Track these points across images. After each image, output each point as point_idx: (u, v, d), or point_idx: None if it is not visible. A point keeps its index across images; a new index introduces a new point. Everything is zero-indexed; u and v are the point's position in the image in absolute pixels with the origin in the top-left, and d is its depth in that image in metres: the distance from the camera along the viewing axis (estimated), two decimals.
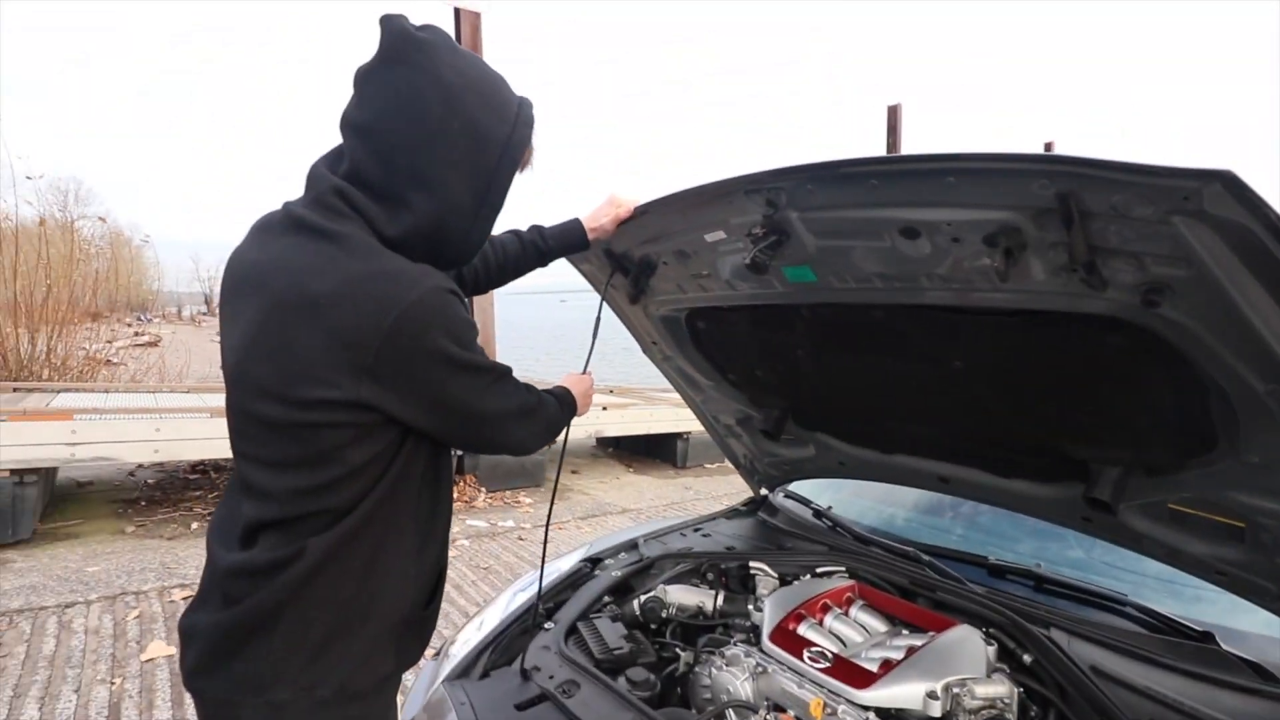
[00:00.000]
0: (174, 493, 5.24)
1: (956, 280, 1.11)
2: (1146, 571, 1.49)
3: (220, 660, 0.89)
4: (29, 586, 3.50)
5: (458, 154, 0.90)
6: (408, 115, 0.87)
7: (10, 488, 3.97)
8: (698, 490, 6.35)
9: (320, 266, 0.86)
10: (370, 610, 0.93)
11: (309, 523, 0.89)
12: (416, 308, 0.84)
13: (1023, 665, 1.23)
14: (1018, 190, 0.91)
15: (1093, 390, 1.17)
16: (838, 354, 1.51)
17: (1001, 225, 0.97)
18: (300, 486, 0.88)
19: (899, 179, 1.01)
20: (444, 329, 0.87)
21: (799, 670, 1.18)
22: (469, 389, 0.94)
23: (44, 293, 7.77)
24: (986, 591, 1.41)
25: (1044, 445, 1.32)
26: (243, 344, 0.90)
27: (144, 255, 24.84)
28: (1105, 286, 0.95)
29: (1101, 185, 0.83)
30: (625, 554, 1.77)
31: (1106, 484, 1.20)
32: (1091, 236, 0.89)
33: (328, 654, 0.89)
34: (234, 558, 0.91)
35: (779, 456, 1.95)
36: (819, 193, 1.12)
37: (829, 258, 1.22)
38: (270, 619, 0.88)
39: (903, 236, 1.09)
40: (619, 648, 1.31)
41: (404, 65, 0.87)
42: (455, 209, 0.92)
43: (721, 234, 1.31)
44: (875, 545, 1.69)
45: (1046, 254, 0.97)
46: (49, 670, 2.73)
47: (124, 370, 9.66)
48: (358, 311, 0.83)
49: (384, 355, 0.84)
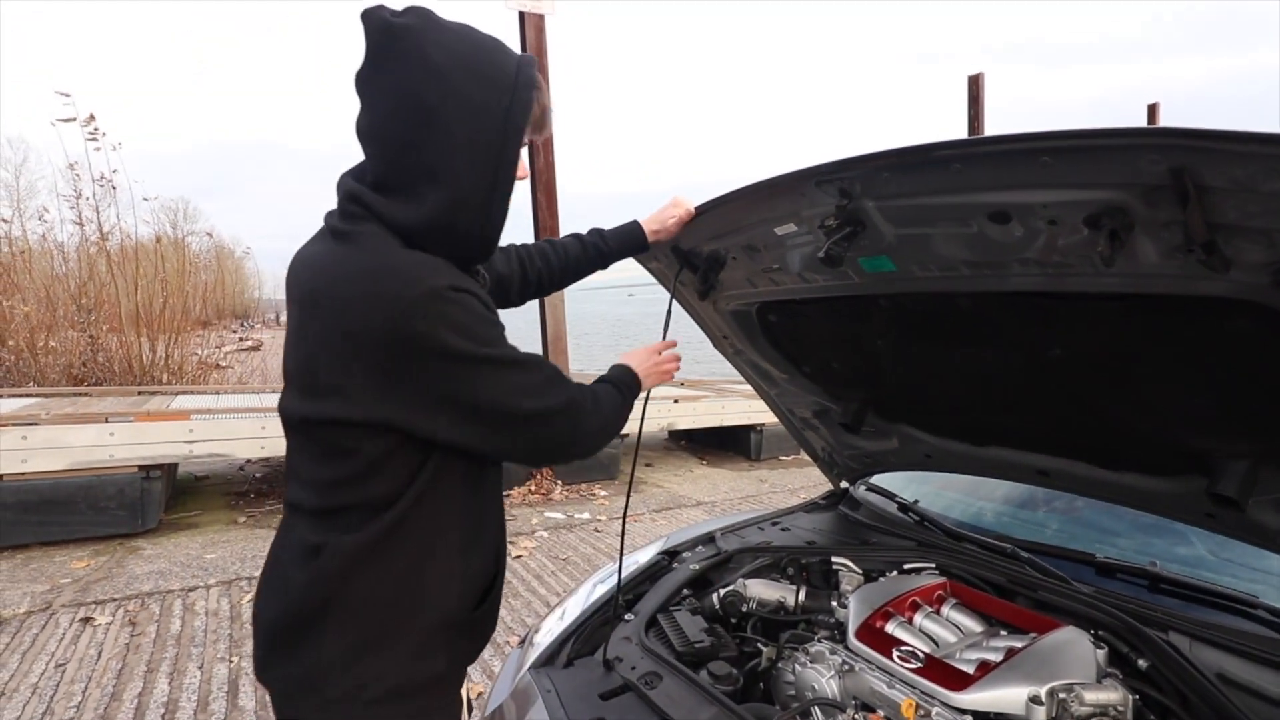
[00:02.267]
0: (279, 486, 5.62)
1: (1052, 265, 1.02)
2: (1277, 570, 1.35)
3: (279, 656, 0.92)
4: (157, 572, 3.84)
5: (459, 136, 0.86)
6: (404, 110, 0.86)
7: (140, 482, 4.38)
8: (773, 483, 6.25)
9: (330, 266, 0.88)
10: (418, 612, 0.92)
11: (341, 517, 0.90)
12: (420, 303, 0.82)
13: (1137, 671, 1.14)
14: (1123, 167, 0.83)
15: (1213, 378, 1.06)
16: (921, 344, 1.44)
17: (1105, 205, 0.88)
18: (332, 478, 0.90)
19: (986, 162, 0.94)
20: (452, 324, 0.84)
21: (888, 670, 1.14)
22: (495, 386, 0.88)
23: (161, 304, 8.50)
24: (1094, 591, 1.31)
25: (1157, 438, 1.21)
26: (286, 346, 0.95)
27: (245, 266, 26.73)
28: (1228, 267, 0.86)
29: (1222, 159, 0.74)
30: (703, 547, 1.76)
31: (1233, 479, 1.09)
32: (1211, 214, 0.80)
33: (375, 654, 0.89)
34: (278, 541, 0.98)
35: (860, 449, 1.89)
36: (896, 181, 1.06)
37: (909, 246, 1.16)
38: (319, 617, 0.89)
39: (991, 221, 1.02)
40: (700, 641, 1.31)
41: (391, 59, 0.86)
42: (467, 191, 0.89)
43: (792, 226, 1.27)
44: (968, 541, 1.60)
45: (1158, 234, 0.88)
46: (176, 648, 3.00)
47: (231, 373, 10.44)
48: (356, 309, 0.83)
49: (391, 358, 0.83)
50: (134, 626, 3.19)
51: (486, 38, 0.91)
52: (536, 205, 5.54)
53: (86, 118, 7.77)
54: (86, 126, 7.83)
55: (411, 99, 0.85)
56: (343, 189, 0.93)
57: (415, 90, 0.85)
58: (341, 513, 0.90)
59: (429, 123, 0.85)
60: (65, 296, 8.30)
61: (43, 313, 8.16)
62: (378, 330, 0.82)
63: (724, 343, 1.83)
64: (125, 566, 3.91)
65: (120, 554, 4.11)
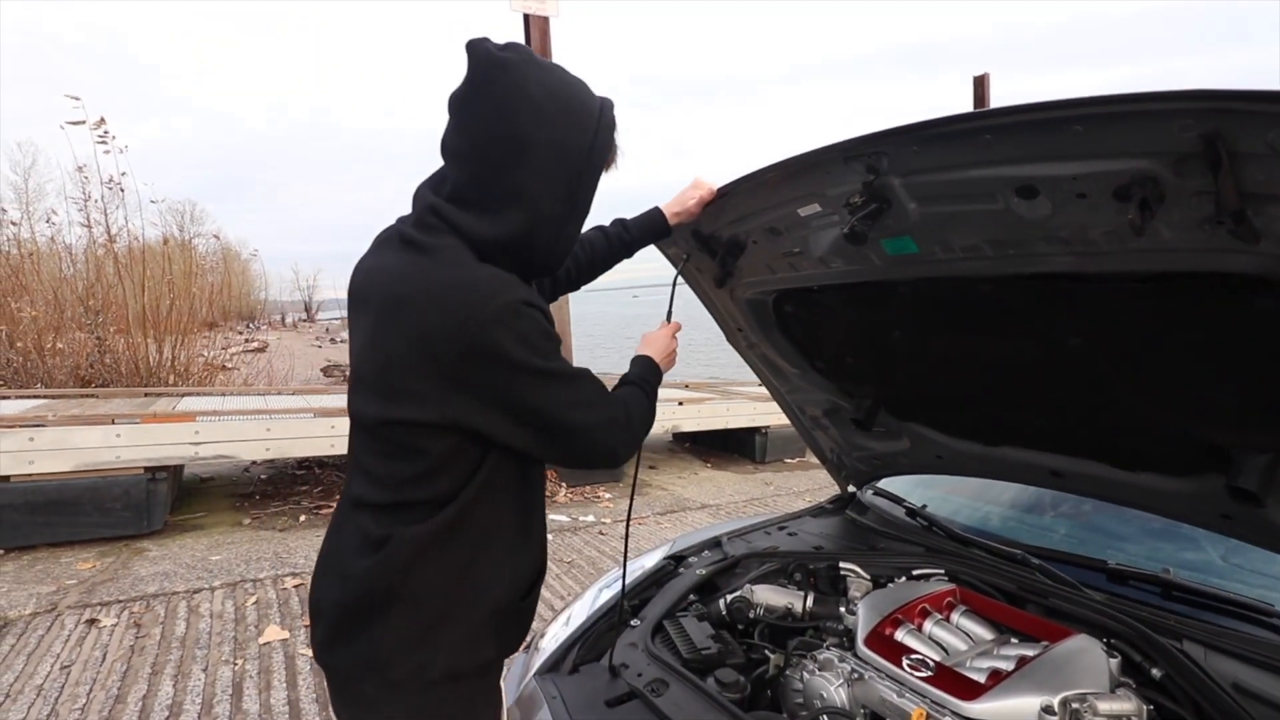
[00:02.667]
0: (284, 487, 5.63)
1: (1079, 243, 1.01)
2: None
3: (344, 639, 0.97)
4: (162, 573, 3.85)
5: (545, 166, 0.95)
6: (500, 137, 0.93)
7: (145, 484, 4.39)
8: (778, 486, 6.23)
9: (410, 275, 0.94)
10: (473, 601, 0.98)
11: (406, 512, 0.96)
12: (493, 317, 0.88)
13: (1151, 680, 1.12)
14: (1155, 135, 0.81)
15: (1237, 365, 1.04)
16: (938, 334, 1.43)
17: (1135, 175, 0.87)
18: (401, 475, 0.95)
19: (1017, 132, 0.93)
20: (521, 338, 0.91)
21: (898, 678, 1.12)
22: (550, 398, 0.96)
23: (168, 305, 8.53)
24: (1106, 598, 1.30)
25: (1177, 431, 1.19)
26: (358, 350, 1.01)
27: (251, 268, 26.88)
28: (1257, 239, 0.84)
29: (1256, 121, 0.73)
30: (709, 552, 1.75)
31: (1253, 472, 1.07)
32: (1243, 182, 0.79)
33: (435, 638, 0.95)
34: (334, 533, 1.03)
35: (869, 450, 1.87)
36: (925, 154, 1.05)
37: (933, 226, 1.15)
38: (384, 603, 0.94)
39: (1019, 197, 1.00)
40: (707, 648, 1.29)
41: (491, 87, 0.93)
42: (544, 218, 0.97)
43: (816, 207, 1.26)
44: (976, 547, 1.59)
45: (1188, 205, 0.86)
46: (180, 650, 3.00)
47: (237, 374, 10.48)
48: (437, 317, 0.89)
49: (465, 364, 0.89)
50: (139, 628, 3.19)
51: (575, 79, 1.00)
52: None
53: (97, 121, 7.82)
54: (96, 130, 7.87)
55: (506, 125, 0.92)
56: (422, 201, 0.99)
57: (512, 119, 0.92)
58: (407, 507, 0.96)
59: (520, 150, 0.93)
60: (73, 298, 8.33)
61: (50, 314, 8.20)
62: (456, 339, 0.88)
63: (738, 335, 1.82)
64: (130, 568, 3.92)
65: (126, 555, 4.12)
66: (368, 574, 0.95)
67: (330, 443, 5.05)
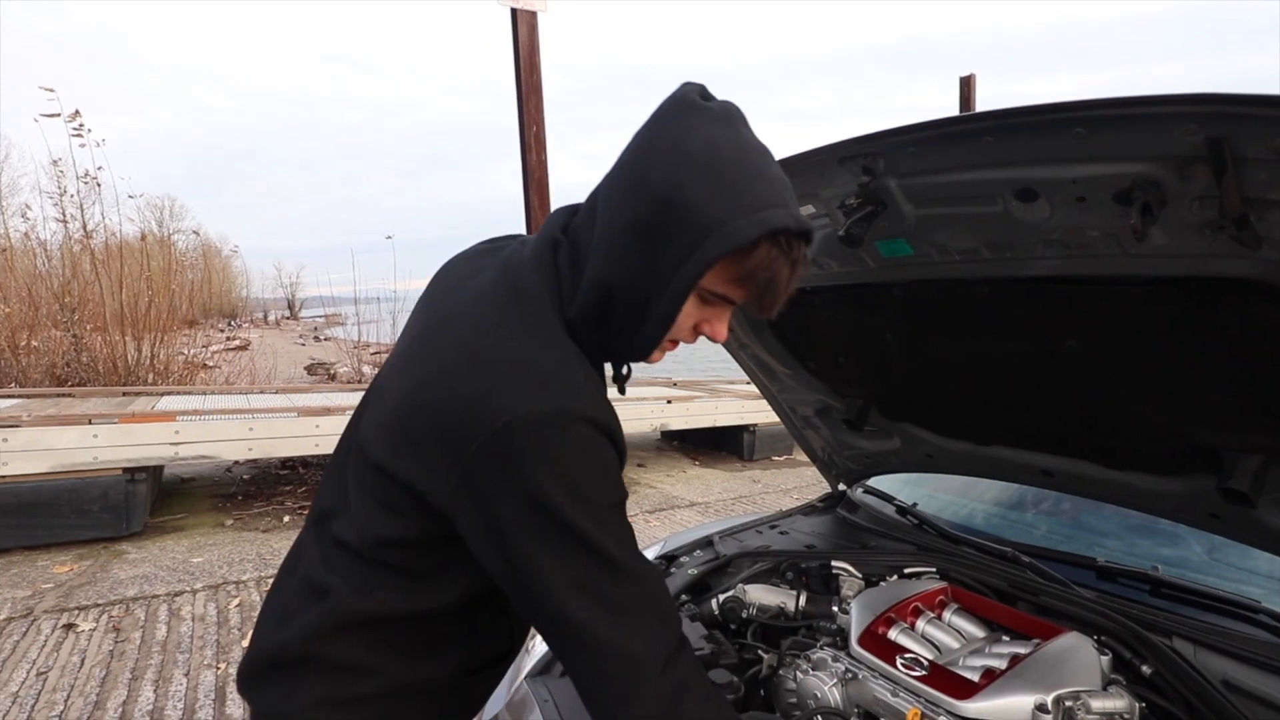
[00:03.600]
0: (267, 488, 5.56)
1: (1076, 247, 1.01)
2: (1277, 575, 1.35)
3: (257, 682, 0.87)
4: (142, 576, 3.78)
5: (652, 221, 0.72)
6: (631, 169, 0.75)
7: (124, 485, 4.31)
8: (766, 483, 6.25)
9: (478, 319, 0.77)
10: (404, 677, 0.85)
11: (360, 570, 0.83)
12: (533, 425, 0.69)
13: (1142, 677, 1.13)
14: (1159, 138, 0.81)
15: (1233, 369, 1.04)
16: (932, 337, 1.43)
17: (1137, 179, 0.87)
18: (376, 533, 0.82)
19: (1018, 134, 0.92)
20: (557, 467, 0.70)
21: (892, 677, 1.12)
22: (559, 573, 0.71)
23: (146, 303, 8.38)
24: (1096, 596, 1.30)
25: (1169, 433, 1.20)
26: (397, 355, 0.87)
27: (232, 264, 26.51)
28: (1260, 244, 0.84)
29: (1263, 126, 0.73)
30: (700, 551, 1.74)
31: (1245, 474, 1.08)
32: (1246, 187, 0.79)
33: (350, 709, 0.83)
34: (291, 558, 0.94)
35: (860, 449, 1.87)
36: (923, 156, 1.04)
37: (929, 228, 1.15)
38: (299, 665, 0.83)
39: (1018, 200, 1.00)
40: (699, 648, 1.28)
41: (661, 124, 0.74)
42: (629, 283, 0.75)
43: (810, 208, 1.25)
44: (967, 545, 1.59)
45: (1190, 209, 0.86)
46: (161, 655, 2.94)
47: (219, 373, 10.32)
48: (468, 392, 0.72)
49: (481, 464, 0.71)
50: (118, 633, 3.13)
51: (770, 170, 0.74)
52: (529, 204, 5.50)
53: (72, 113, 7.66)
54: (71, 122, 7.71)
55: (645, 160, 0.74)
56: (551, 226, 0.84)
57: (653, 155, 0.73)
58: (364, 564, 0.82)
59: (637, 191, 0.73)
60: (48, 295, 8.16)
61: (25, 312, 8.02)
62: (476, 430, 0.70)
63: (729, 335, 1.81)
64: (109, 571, 3.84)
65: (104, 558, 4.04)
66: (296, 633, 0.83)
67: (314, 442, 4.99)
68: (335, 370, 12.07)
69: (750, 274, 0.74)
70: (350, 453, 0.90)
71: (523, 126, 5.41)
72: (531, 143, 5.44)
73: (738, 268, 0.73)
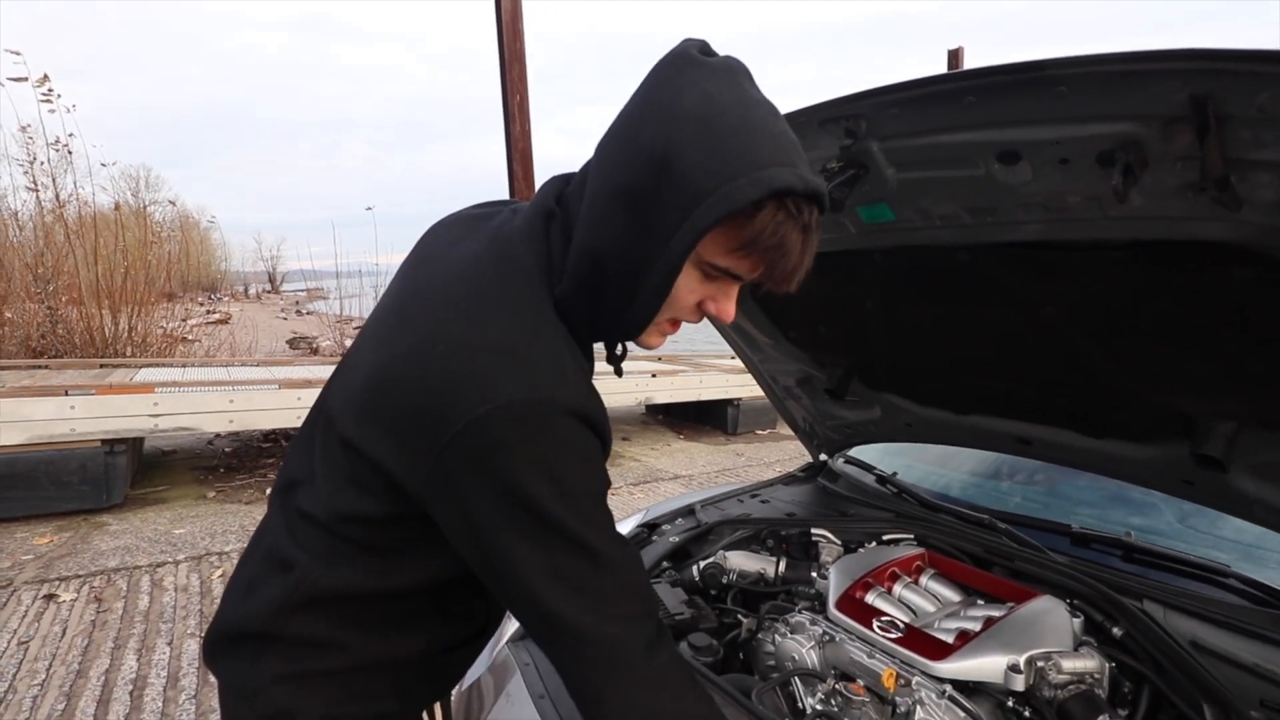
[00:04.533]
0: (249, 460, 5.52)
1: (1057, 210, 1.00)
2: (1246, 540, 1.38)
3: (220, 654, 0.86)
4: (124, 548, 3.76)
5: (642, 184, 0.66)
6: (623, 131, 0.69)
7: (103, 457, 4.26)
8: (749, 456, 6.30)
9: (459, 293, 0.72)
10: (370, 655, 0.83)
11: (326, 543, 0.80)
12: (514, 415, 0.65)
13: (1113, 639, 1.15)
14: (1142, 96, 0.80)
15: (1209, 334, 1.05)
16: (912, 304, 1.42)
17: (1120, 140, 0.86)
18: (341, 507, 0.79)
19: (1001, 93, 0.91)
20: (538, 459, 0.66)
21: (869, 639, 1.13)
22: (537, 564, 0.69)
23: (123, 275, 8.21)
24: (1070, 561, 1.32)
25: (1145, 399, 1.21)
26: (369, 326, 0.82)
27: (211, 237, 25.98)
28: (1240, 206, 0.84)
29: (1246, 82, 0.72)
30: (682, 520, 1.75)
31: (1219, 440, 1.09)
32: (1229, 147, 0.78)
33: (313, 686, 0.81)
34: (260, 530, 0.91)
35: (841, 419, 1.88)
36: (905, 117, 1.03)
37: (911, 192, 1.14)
38: (261, 639, 0.81)
39: (1000, 162, 0.99)
40: (680, 613, 1.29)
41: (657, 81, 0.69)
42: (619, 254, 0.70)
43: None
44: (945, 512, 1.61)
45: (1172, 170, 0.86)
46: (144, 624, 2.93)
47: (199, 346, 10.18)
48: (445, 374, 0.67)
49: (450, 455, 0.67)
50: (100, 603, 3.12)
51: (776, 126, 0.68)
52: (512, 175, 5.41)
53: (40, 78, 7.41)
54: (40, 87, 7.46)
55: (634, 120, 0.69)
56: (545, 195, 0.78)
57: (644, 114, 0.68)
58: (330, 537, 0.79)
59: (626, 152, 0.68)
60: (20, 266, 7.97)
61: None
62: (455, 410, 0.66)
63: None
64: (90, 542, 3.82)
65: (85, 530, 4.01)
66: (260, 606, 0.81)
67: (296, 415, 4.95)
68: (317, 344, 11.96)
69: (753, 242, 0.67)
70: (318, 424, 0.86)
71: (506, 95, 5.29)
72: (515, 112, 5.32)
73: (739, 235, 0.66)
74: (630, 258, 0.69)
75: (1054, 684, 1.01)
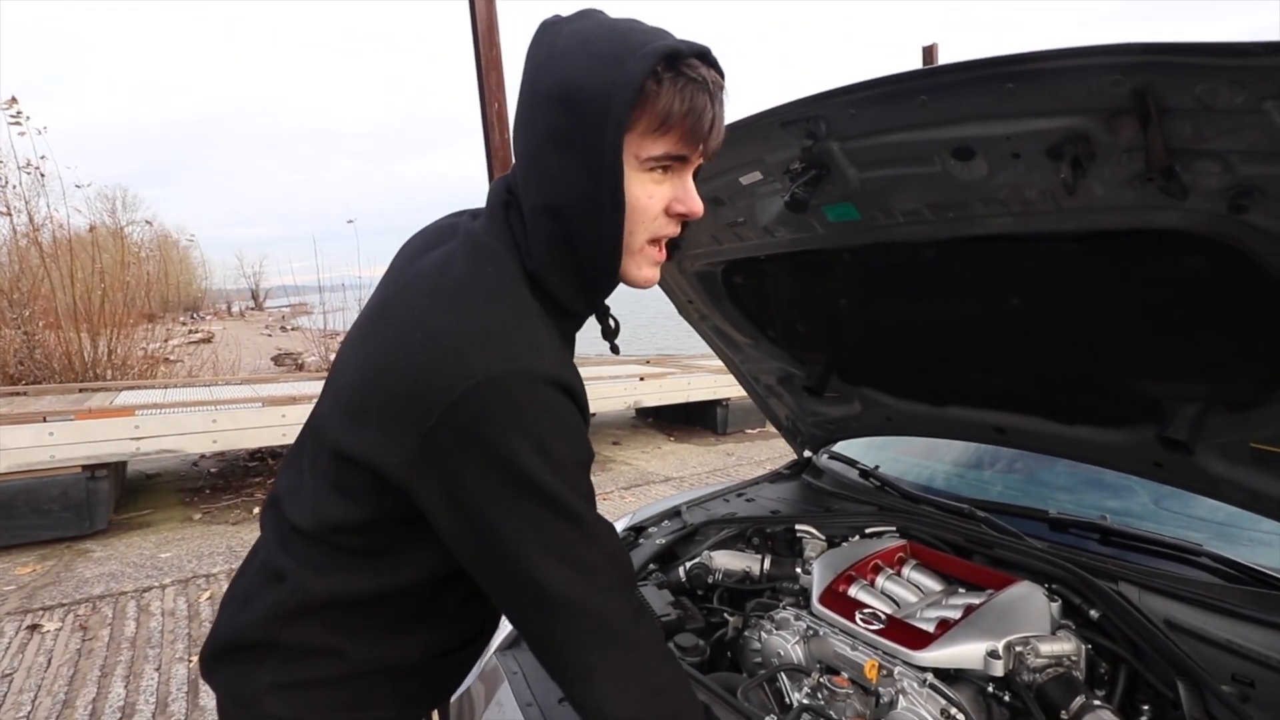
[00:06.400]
0: (235, 480, 5.46)
1: (1015, 204, 1.02)
2: (1219, 520, 1.41)
3: (219, 666, 0.86)
4: (108, 574, 3.70)
5: (557, 123, 0.71)
6: (525, 98, 0.74)
7: (84, 482, 4.20)
8: (740, 456, 6.31)
9: (433, 287, 0.75)
10: (365, 660, 0.84)
11: (317, 553, 0.81)
12: (497, 387, 0.66)
13: (1090, 621, 1.17)
14: (1086, 91, 0.82)
15: (1168, 320, 1.07)
16: (883, 300, 1.44)
17: (1067, 134, 0.88)
18: (330, 517, 0.80)
19: (952, 91, 0.93)
20: (524, 429, 0.67)
21: (851, 632, 1.14)
22: (530, 538, 0.69)
23: (100, 297, 8.10)
24: (1048, 546, 1.35)
25: (1112, 385, 1.23)
26: (346, 347, 0.84)
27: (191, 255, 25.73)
28: (1186, 194, 0.86)
29: (1184, 74, 0.74)
30: (668, 521, 1.75)
31: (1183, 422, 1.12)
32: (1171, 138, 0.80)
33: (310, 694, 0.82)
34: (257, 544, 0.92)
35: (823, 415, 1.90)
36: (862, 117, 1.05)
37: (874, 191, 1.15)
38: (260, 649, 0.82)
39: (955, 159, 1.01)
40: (666, 614, 1.30)
41: (533, 50, 0.75)
42: (567, 193, 0.73)
43: (758, 174, 1.25)
44: (926, 504, 1.63)
45: (1119, 162, 0.88)
46: (131, 651, 2.89)
47: (181, 366, 10.06)
48: (426, 359, 0.69)
49: (441, 431, 0.67)
50: (85, 631, 3.07)
51: (639, 26, 0.73)
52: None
53: (8, 100, 7.31)
54: (8, 109, 7.36)
55: (528, 84, 0.74)
56: (495, 193, 0.81)
57: (534, 74, 0.73)
58: (319, 547, 0.81)
59: (532, 108, 0.73)
60: None
61: None
62: (439, 391, 0.67)
63: (689, 308, 1.81)
64: (74, 570, 3.76)
65: (68, 557, 3.95)
66: (255, 617, 0.82)
67: (281, 432, 4.90)
68: (303, 360, 11.85)
69: (669, 114, 0.70)
70: (308, 437, 0.88)
71: (484, 104, 5.27)
72: (494, 120, 5.30)
73: (654, 115, 0.70)
74: (577, 190, 0.72)
75: (1032, 668, 1.03)
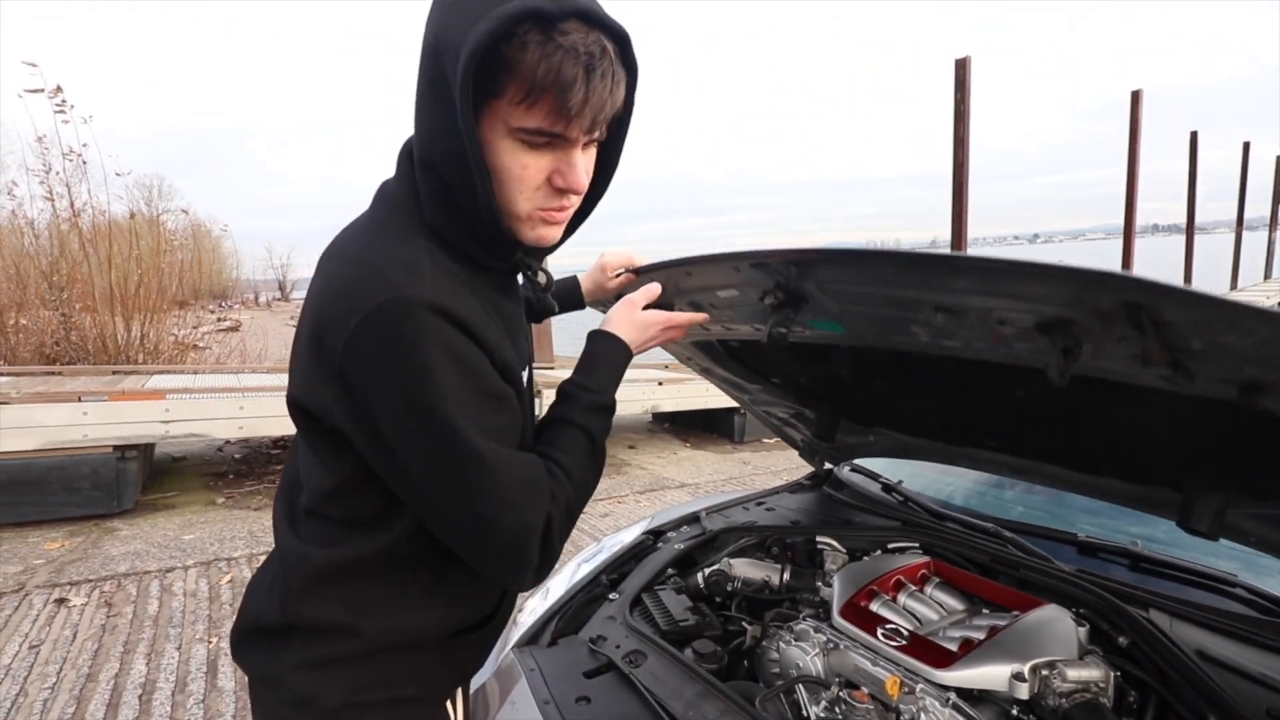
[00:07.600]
0: (258, 466, 5.55)
1: (1006, 349, 0.97)
2: (1251, 551, 1.37)
3: (246, 647, 0.89)
4: (134, 553, 3.79)
5: (428, 74, 0.72)
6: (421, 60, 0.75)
7: (114, 462, 4.30)
8: (756, 465, 6.28)
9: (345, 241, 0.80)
10: (383, 637, 0.85)
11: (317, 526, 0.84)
12: (379, 317, 0.68)
13: (1118, 648, 1.15)
14: (1074, 294, 0.78)
15: (1186, 431, 1.02)
16: (885, 381, 1.42)
17: (1056, 319, 0.83)
18: (317, 485, 0.83)
19: (922, 269, 0.90)
20: (406, 355, 0.69)
21: (873, 647, 1.13)
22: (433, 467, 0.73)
23: (136, 282, 8.30)
24: (1076, 570, 1.32)
25: (1130, 464, 1.21)
26: None
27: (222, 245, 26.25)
28: (1192, 379, 0.80)
29: (1181, 301, 0.70)
30: (688, 527, 1.75)
31: (1204, 514, 1.05)
32: (1169, 340, 0.75)
33: (333, 672, 0.83)
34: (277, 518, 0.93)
35: (840, 443, 1.88)
36: (833, 272, 1.01)
37: (857, 318, 1.10)
38: (281, 629, 0.84)
39: (940, 313, 0.96)
40: (685, 620, 1.30)
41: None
42: (437, 147, 0.74)
43: (735, 293, 1.20)
44: (951, 521, 1.61)
45: (1115, 345, 0.82)
46: (154, 629, 2.96)
47: (209, 353, 10.27)
48: (330, 302, 0.73)
49: (345, 370, 0.71)
50: (110, 607, 3.14)
51: None
52: None
53: (54, 89, 7.53)
54: (54, 98, 7.58)
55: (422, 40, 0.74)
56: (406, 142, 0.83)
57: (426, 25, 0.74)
58: (319, 520, 0.84)
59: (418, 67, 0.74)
60: (36, 274, 8.07)
61: (13, 290, 7.94)
62: (339, 329, 0.70)
63: (689, 362, 1.79)
64: (101, 547, 3.85)
65: (96, 535, 4.05)
66: (277, 597, 0.84)
67: None
68: None
69: (532, 84, 0.66)
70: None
71: None
72: None
73: (517, 82, 0.67)
74: (444, 147, 0.73)
75: (1059, 692, 1.01)
